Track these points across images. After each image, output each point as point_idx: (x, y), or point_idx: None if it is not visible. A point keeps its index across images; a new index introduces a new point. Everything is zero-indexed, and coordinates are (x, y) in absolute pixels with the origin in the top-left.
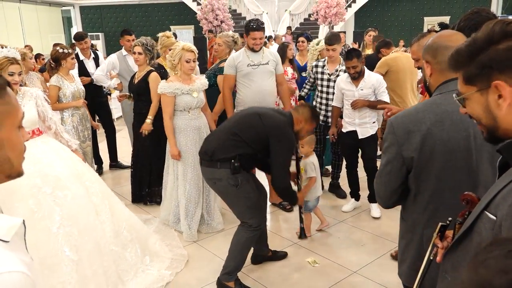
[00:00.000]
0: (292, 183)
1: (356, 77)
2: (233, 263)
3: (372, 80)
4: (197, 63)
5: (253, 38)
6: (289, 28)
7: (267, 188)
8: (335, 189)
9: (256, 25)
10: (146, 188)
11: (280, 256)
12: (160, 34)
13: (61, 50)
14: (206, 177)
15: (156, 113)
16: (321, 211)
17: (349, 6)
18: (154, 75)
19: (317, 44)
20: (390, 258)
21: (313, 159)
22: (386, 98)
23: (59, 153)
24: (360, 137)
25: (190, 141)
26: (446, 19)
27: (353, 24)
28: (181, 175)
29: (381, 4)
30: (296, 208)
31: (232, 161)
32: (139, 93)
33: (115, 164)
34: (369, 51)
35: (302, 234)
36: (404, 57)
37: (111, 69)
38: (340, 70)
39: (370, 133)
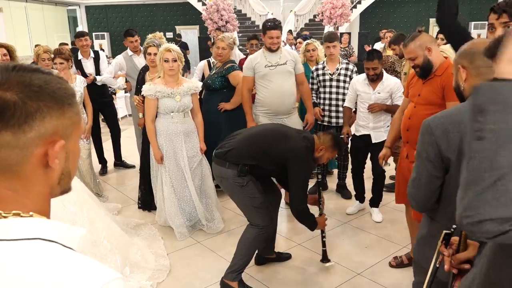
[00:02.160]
0: (311, 206)
1: (375, 79)
2: (240, 262)
3: (391, 83)
4: (175, 63)
5: (270, 37)
6: (289, 31)
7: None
8: (341, 189)
9: (273, 24)
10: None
11: (283, 258)
12: (149, 36)
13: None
14: (215, 174)
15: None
16: None
17: (354, 7)
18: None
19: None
20: (389, 266)
21: None
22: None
23: None
24: (373, 141)
25: (170, 144)
26: None
27: (358, 25)
28: (165, 178)
29: (387, 5)
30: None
31: (240, 164)
32: None
33: (119, 163)
34: (390, 52)
35: (325, 258)
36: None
37: (118, 70)
38: (340, 69)
39: (384, 138)
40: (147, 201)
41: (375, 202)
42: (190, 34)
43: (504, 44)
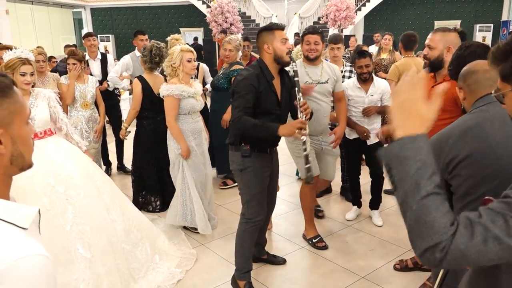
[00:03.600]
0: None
1: (368, 78)
2: (237, 259)
3: (381, 85)
4: (196, 63)
5: (307, 42)
6: (296, 34)
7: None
8: (345, 192)
9: (311, 29)
10: (143, 197)
11: (277, 261)
12: (169, 38)
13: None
14: (230, 161)
15: (154, 117)
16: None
17: (359, 9)
18: (135, 80)
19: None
20: (393, 269)
21: None
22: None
23: (70, 153)
24: (368, 143)
25: (195, 143)
26: (456, 23)
27: (363, 27)
28: (190, 179)
29: (391, 7)
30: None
31: (242, 144)
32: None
33: (119, 167)
34: (384, 55)
35: (309, 177)
36: (417, 62)
37: (124, 70)
38: (344, 71)
39: (378, 139)
40: (149, 202)
41: (375, 204)
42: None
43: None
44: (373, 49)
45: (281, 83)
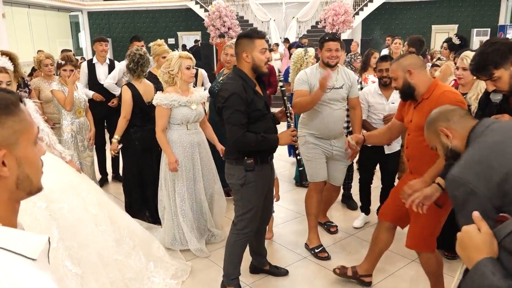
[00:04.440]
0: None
1: (388, 82)
2: (226, 265)
3: None
4: (194, 70)
5: (328, 49)
6: (286, 40)
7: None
8: (346, 199)
9: (332, 36)
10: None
11: (279, 273)
12: (151, 43)
13: (59, 61)
14: (225, 172)
15: (141, 125)
16: (272, 221)
17: (357, 13)
18: (125, 88)
19: (306, 52)
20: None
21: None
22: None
23: (50, 165)
24: (386, 152)
25: (184, 156)
26: (454, 27)
27: (360, 31)
28: (179, 192)
29: (389, 12)
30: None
31: (245, 158)
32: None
33: (114, 176)
34: None
35: (304, 179)
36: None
37: (121, 76)
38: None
39: (397, 148)
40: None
41: None
42: (192, 40)
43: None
44: (384, 52)
45: (262, 89)
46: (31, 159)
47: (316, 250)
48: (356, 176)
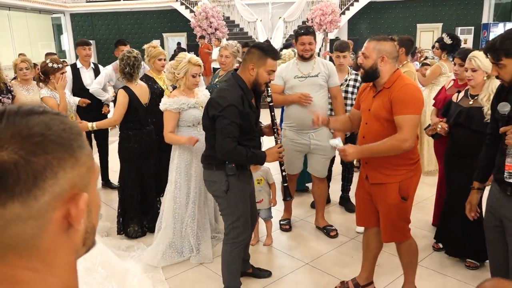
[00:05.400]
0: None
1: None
2: (225, 278)
3: None
4: (202, 77)
5: (302, 43)
6: (267, 41)
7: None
8: (344, 202)
9: (305, 30)
10: (122, 218)
11: (263, 275)
12: (145, 46)
13: (50, 64)
14: (204, 179)
15: (139, 128)
16: (271, 227)
17: (343, 13)
18: (122, 92)
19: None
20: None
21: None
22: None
23: None
24: None
25: (195, 157)
26: (438, 26)
27: (347, 31)
28: (191, 194)
29: (374, 11)
30: (308, 230)
31: (226, 162)
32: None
33: (104, 183)
34: None
35: (287, 195)
36: (413, 70)
37: (108, 81)
38: (349, 79)
39: None
40: (128, 225)
41: None
42: (176, 42)
43: None
44: None
45: (256, 101)
46: (97, 205)
47: (282, 222)
48: (356, 181)
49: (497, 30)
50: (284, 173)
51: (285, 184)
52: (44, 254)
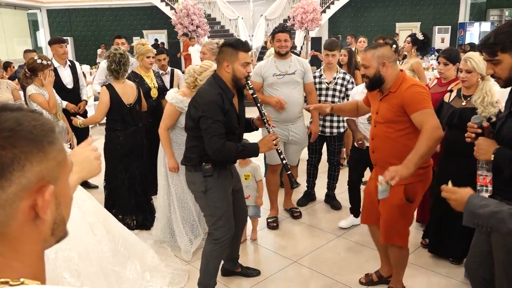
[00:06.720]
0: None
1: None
2: (202, 275)
3: None
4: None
5: (278, 40)
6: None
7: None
8: (330, 200)
9: (281, 28)
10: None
11: (251, 274)
12: (135, 43)
13: (39, 61)
14: (186, 179)
15: (124, 129)
16: (257, 224)
17: (324, 11)
18: (103, 89)
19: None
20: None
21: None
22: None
23: None
24: None
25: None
26: (416, 25)
27: (327, 29)
28: (174, 193)
29: (354, 10)
30: (299, 225)
31: (203, 163)
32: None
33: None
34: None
35: (293, 182)
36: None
37: (105, 76)
38: (338, 78)
39: None
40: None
41: None
42: (158, 39)
43: None
44: None
45: (238, 99)
46: (68, 198)
47: (269, 220)
48: (342, 179)
49: (473, 29)
50: (284, 161)
51: (289, 172)
52: (11, 241)
